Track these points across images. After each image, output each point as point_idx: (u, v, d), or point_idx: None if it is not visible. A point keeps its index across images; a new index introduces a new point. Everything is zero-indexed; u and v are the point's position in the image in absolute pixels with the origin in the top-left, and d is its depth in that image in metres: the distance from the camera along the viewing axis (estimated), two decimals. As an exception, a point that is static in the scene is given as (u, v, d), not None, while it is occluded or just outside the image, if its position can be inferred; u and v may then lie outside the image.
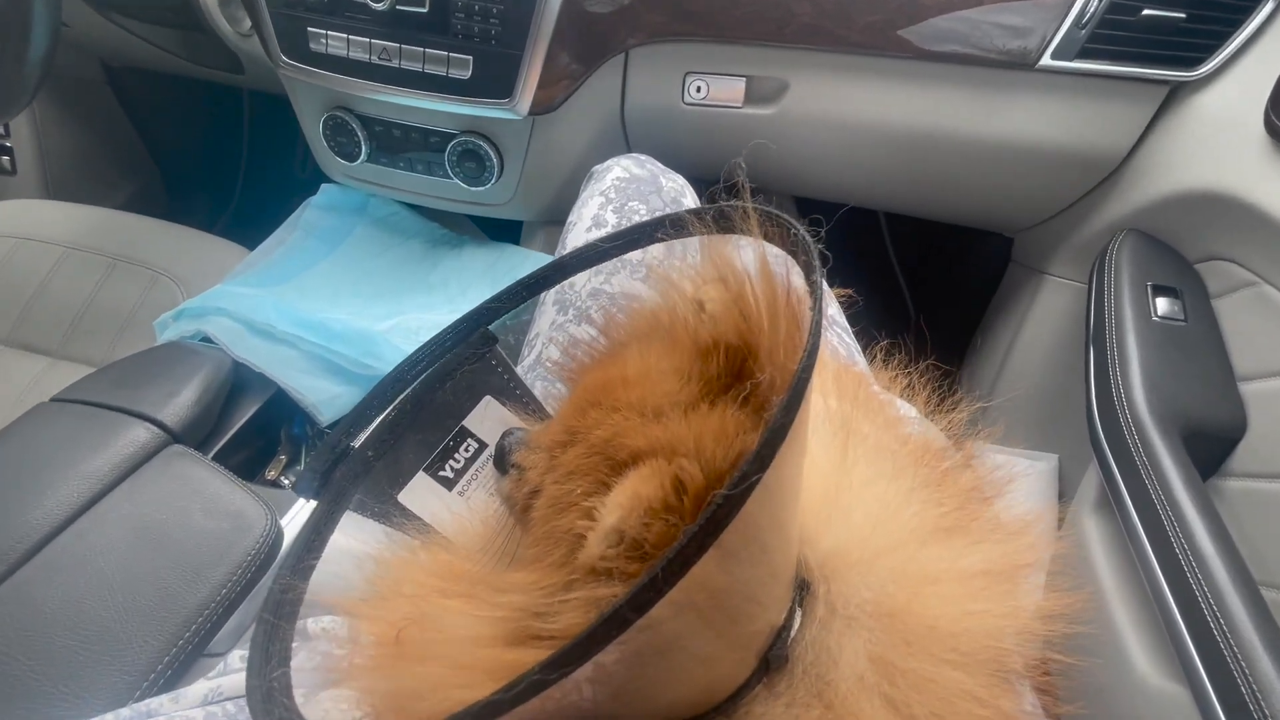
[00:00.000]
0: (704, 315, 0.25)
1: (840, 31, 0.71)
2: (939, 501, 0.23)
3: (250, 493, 0.51)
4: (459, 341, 0.36)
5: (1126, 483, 0.61)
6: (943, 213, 0.92)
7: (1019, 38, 0.69)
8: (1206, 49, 0.67)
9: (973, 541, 0.23)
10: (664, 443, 0.21)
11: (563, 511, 0.24)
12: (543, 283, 0.37)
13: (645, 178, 0.63)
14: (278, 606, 0.28)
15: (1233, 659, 0.47)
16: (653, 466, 0.20)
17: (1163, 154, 0.71)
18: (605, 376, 0.27)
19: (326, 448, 0.33)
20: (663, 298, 0.28)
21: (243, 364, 0.70)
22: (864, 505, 0.23)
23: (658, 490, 0.19)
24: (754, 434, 0.21)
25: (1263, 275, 0.62)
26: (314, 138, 0.87)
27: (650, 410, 0.23)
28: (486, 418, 0.37)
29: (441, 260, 0.91)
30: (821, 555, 0.22)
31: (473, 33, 0.72)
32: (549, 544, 0.24)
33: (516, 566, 0.27)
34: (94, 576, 0.44)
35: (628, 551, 0.19)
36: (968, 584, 0.22)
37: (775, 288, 0.23)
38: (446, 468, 0.35)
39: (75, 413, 0.55)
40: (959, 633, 0.21)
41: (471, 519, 0.34)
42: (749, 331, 0.23)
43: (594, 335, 0.33)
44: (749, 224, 0.26)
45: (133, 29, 1.02)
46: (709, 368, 0.23)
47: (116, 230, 0.92)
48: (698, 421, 0.22)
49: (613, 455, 0.22)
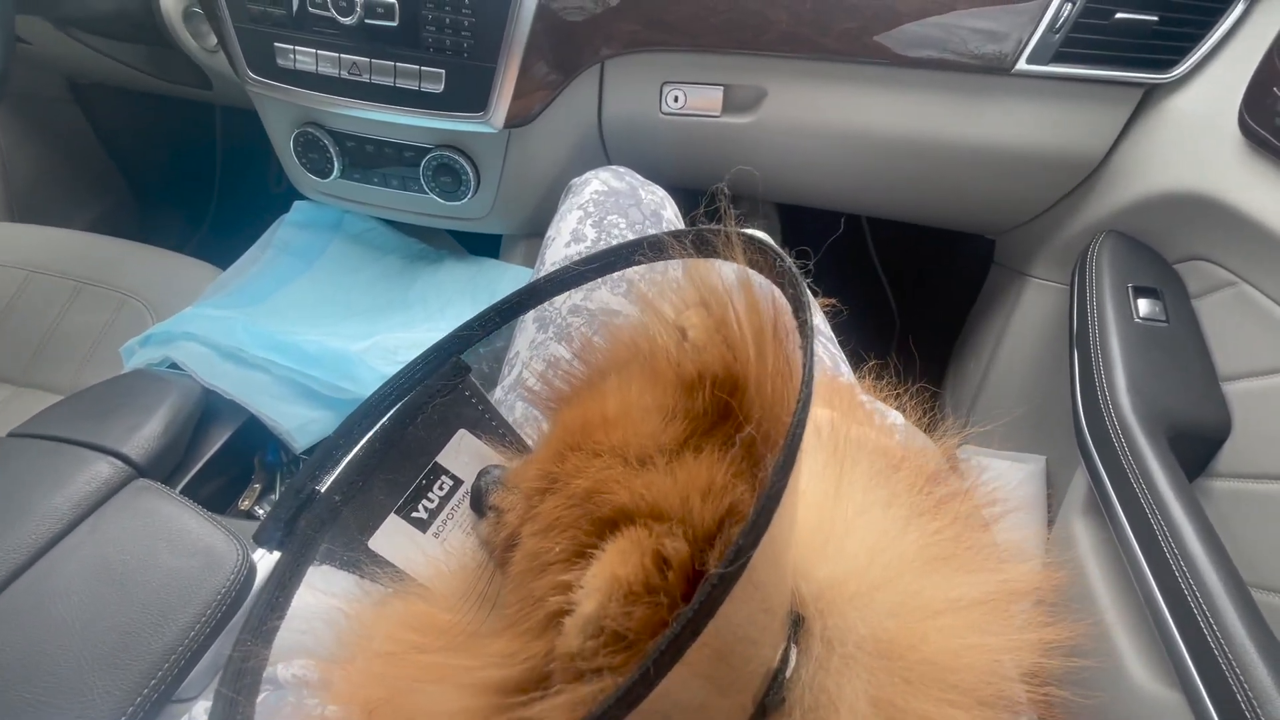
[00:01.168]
0: (686, 344, 0.24)
1: (817, 39, 0.71)
2: (935, 530, 0.22)
3: (220, 527, 0.49)
4: (429, 373, 0.34)
5: (1114, 486, 0.61)
6: (924, 216, 0.92)
7: (994, 42, 0.69)
8: (1179, 51, 0.67)
9: (969, 570, 0.22)
10: (648, 501, 0.20)
11: (540, 572, 0.22)
12: (517, 308, 0.36)
13: (624, 190, 0.62)
14: (237, 678, 0.26)
15: (1228, 666, 0.46)
16: (631, 540, 0.19)
17: (1140, 156, 0.72)
18: (585, 414, 0.25)
19: (290, 493, 0.31)
20: (641, 323, 0.27)
21: (213, 391, 0.67)
22: (859, 535, 0.22)
23: (637, 570, 0.18)
24: (743, 484, 0.20)
25: (1241, 275, 0.63)
26: (285, 154, 0.85)
27: (634, 456, 0.22)
28: (461, 452, 0.35)
29: (419, 276, 0.89)
30: (816, 588, 0.21)
31: (444, 46, 0.70)
32: (527, 606, 0.23)
33: (496, 623, 0.26)
34: (53, 623, 0.42)
35: (609, 644, 0.18)
36: (966, 615, 0.21)
37: (761, 315, 0.22)
38: (420, 508, 0.34)
39: (34, 449, 0.53)
40: (959, 668, 0.20)
41: (448, 562, 0.32)
42: (734, 363, 0.22)
43: (570, 359, 0.32)
44: (731, 250, 0.25)
45: (96, 46, 1.00)
46: (694, 403, 0.22)
47: (83, 252, 0.90)
48: (683, 474, 0.20)
49: (594, 510, 0.21)
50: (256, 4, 0.72)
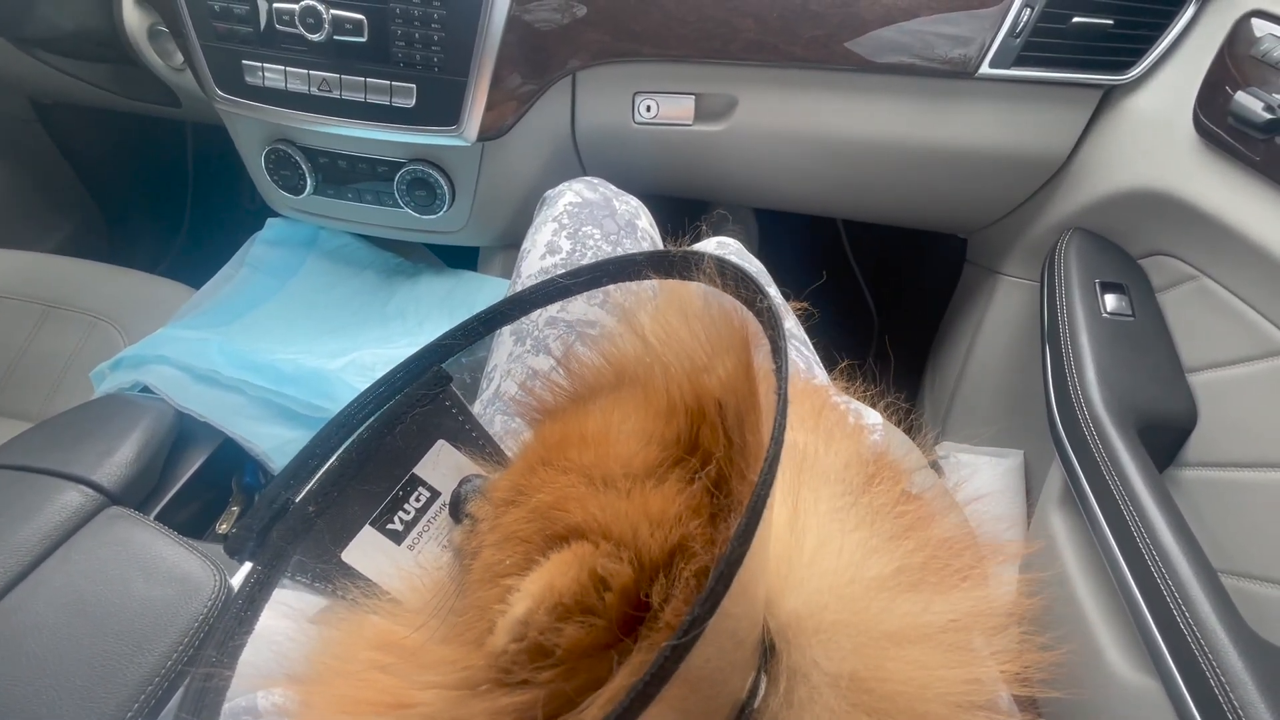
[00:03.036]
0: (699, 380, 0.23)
1: (785, 47, 0.72)
2: (904, 553, 0.22)
3: (196, 553, 0.49)
4: (409, 381, 0.34)
5: (1087, 478, 0.62)
6: (897, 217, 0.93)
7: (960, 46, 0.71)
8: (1135, 53, 0.69)
9: (940, 594, 0.22)
10: (601, 522, 0.20)
11: (491, 582, 0.22)
12: (500, 318, 0.35)
13: (598, 201, 0.62)
14: (198, 700, 0.26)
15: (1200, 652, 0.47)
16: (575, 554, 0.19)
17: (1101, 155, 0.73)
18: (564, 431, 0.25)
19: (264, 503, 0.30)
20: (647, 351, 0.27)
21: (187, 413, 0.66)
22: (822, 566, 0.22)
23: (573, 584, 0.18)
24: (697, 520, 0.20)
25: (1202, 269, 0.64)
26: (257, 172, 0.84)
27: (599, 478, 0.22)
28: (440, 464, 0.35)
29: (397, 291, 0.89)
30: (783, 620, 0.21)
31: (414, 60, 0.70)
32: (474, 615, 0.23)
33: (446, 633, 0.26)
34: (24, 659, 0.41)
35: (535, 657, 0.18)
36: (935, 642, 0.21)
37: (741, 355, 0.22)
38: (395, 520, 0.33)
39: (1, 479, 0.52)
40: (928, 698, 0.20)
41: (422, 577, 0.32)
42: (705, 395, 0.22)
43: (555, 369, 0.32)
44: (709, 277, 0.25)
45: (59, 65, 0.98)
46: (669, 430, 0.22)
47: (51, 275, 0.88)
48: (639, 500, 0.20)
49: (550, 526, 0.21)
50: (223, 22, 0.72)
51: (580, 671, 0.18)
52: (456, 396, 0.35)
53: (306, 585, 0.31)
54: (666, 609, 0.18)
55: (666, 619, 0.18)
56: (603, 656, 0.18)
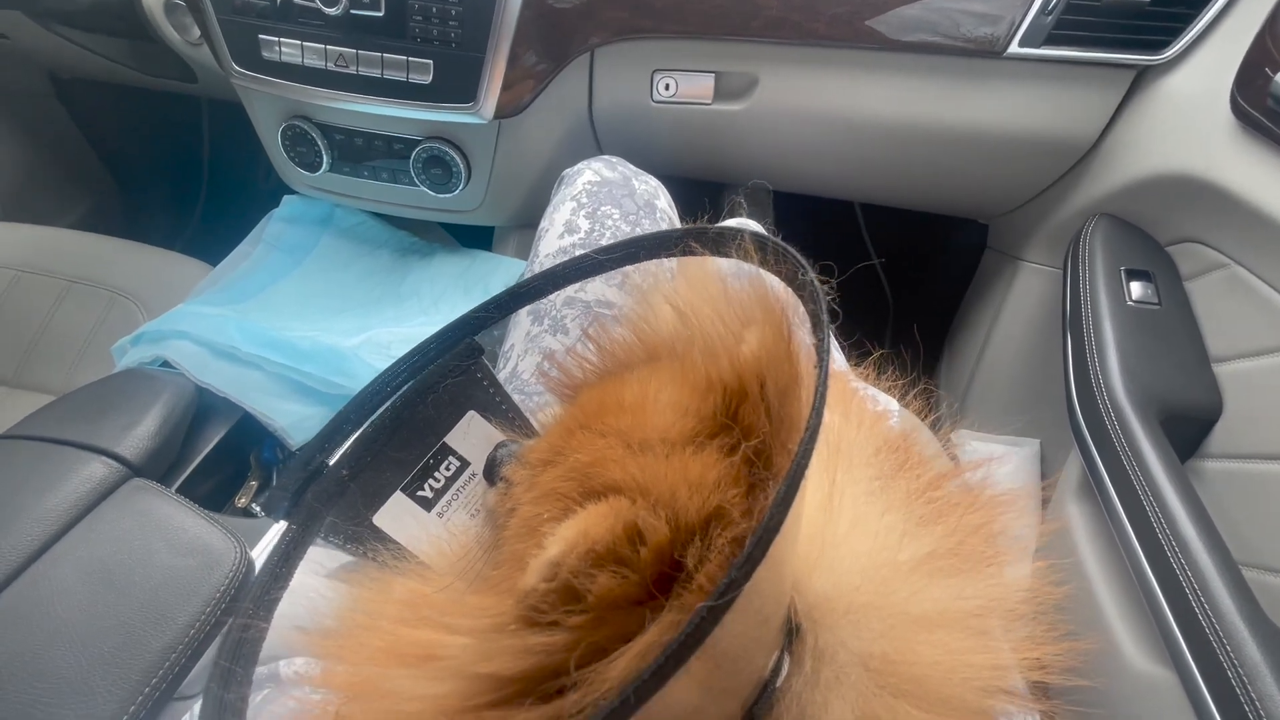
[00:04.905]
0: (736, 354, 0.24)
1: (807, 24, 0.70)
2: (934, 538, 0.22)
3: (218, 525, 0.49)
4: (443, 352, 0.34)
5: (1107, 468, 0.61)
6: (917, 201, 0.92)
7: (987, 25, 0.69)
8: (1171, 32, 0.67)
9: (968, 580, 0.22)
10: (639, 481, 0.20)
11: (527, 535, 0.23)
12: (534, 292, 0.35)
13: (617, 180, 0.62)
14: (236, 649, 0.27)
15: (1218, 644, 0.47)
16: (612, 505, 0.19)
17: (1132, 138, 0.72)
18: (601, 398, 0.26)
19: (299, 465, 0.31)
20: (683, 326, 0.27)
21: (206, 388, 0.67)
22: (852, 547, 0.22)
23: (608, 534, 0.18)
24: (735, 490, 0.20)
25: (1233, 256, 0.63)
26: (273, 149, 0.84)
27: (636, 442, 0.22)
28: (470, 434, 0.35)
29: (411, 270, 0.89)
30: (811, 600, 0.21)
31: (431, 36, 0.69)
32: (510, 566, 0.23)
33: (479, 588, 0.26)
34: (52, 624, 0.42)
35: (566, 599, 0.18)
36: (962, 627, 0.21)
37: (780, 328, 0.22)
38: (425, 487, 0.34)
39: (26, 450, 0.52)
40: (953, 682, 0.20)
41: (450, 543, 0.32)
42: (746, 373, 0.22)
43: (585, 345, 0.32)
44: (748, 252, 0.25)
45: (77, 40, 0.98)
46: (706, 405, 0.22)
47: (71, 250, 0.89)
48: (679, 464, 0.20)
49: (588, 483, 0.21)
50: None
51: (610, 623, 0.18)
52: (488, 369, 0.36)
53: (339, 546, 0.32)
54: (701, 572, 0.18)
55: (700, 582, 0.18)
56: (633, 611, 0.18)
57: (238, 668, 0.26)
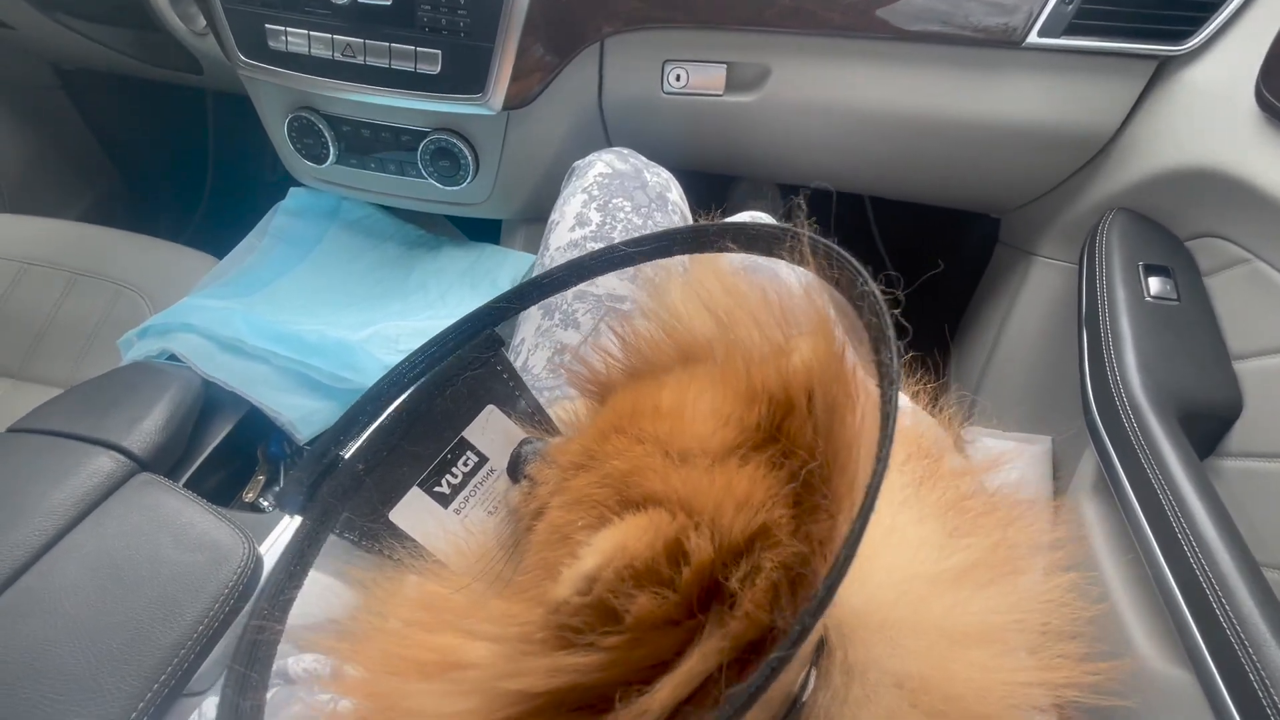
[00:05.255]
0: (783, 364, 0.22)
1: (821, 13, 0.69)
2: (968, 549, 0.21)
3: (225, 521, 0.49)
4: (462, 343, 0.33)
5: (1124, 466, 0.60)
6: (929, 195, 0.91)
7: (1003, 15, 0.67)
8: (1194, 22, 0.65)
9: (1002, 595, 0.21)
10: (681, 494, 0.19)
11: (559, 543, 0.22)
12: (559, 284, 0.34)
13: (629, 172, 0.61)
14: (251, 652, 0.26)
15: (1240, 646, 0.46)
16: (651, 519, 0.18)
17: (1152, 130, 0.70)
18: (636, 401, 0.25)
19: (313, 458, 0.30)
20: (724, 329, 0.26)
21: (213, 382, 0.67)
22: (887, 559, 0.21)
23: (647, 549, 0.17)
24: (782, 509, 0.19)
25: (1255, 252, 0.62)
26: (279, 140, 0.83)
27: (676, 451, 0.21)
28: (488, 429, 0.34)
29: (419, 263, 0.88)
30: (841, 614, 0.20)
31: (440, 25, 0.68)
32: (539, 573, 0.22)
33: (504, 593, 0.25)
34: (60, 619, 0.42)
35: (602, 619, 0.17)
36: (997, 644, 0.20)
37: (833, 344, 0.21)
38: (443, 483, 0.33)
39: (34, 444, 0.52)
40: (988, 701, 0.19)
41: (467, 541, 0.32)
42: (794, 387, 0.21)
43: (612, 341, 0.31)
44: (800, 256, 0.23)
45: (81, 30, 0.97)
46: (749, 416, 0.21)
47: (76, 242, 0.88)
48: (723, 478, 0.19)
49: (625, 492, 0.20)
50: (245, -16, 0.70)
51: (646, 643, 0.18)
52: (508, 362, 0.35)
53: (354, 542, 0.31)
54: (746, 596, 0.18)
55: (747, 609, 0.17)
56: (670, 631, 0.18)
57: (253, 673, 0.25)
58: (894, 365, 0.17)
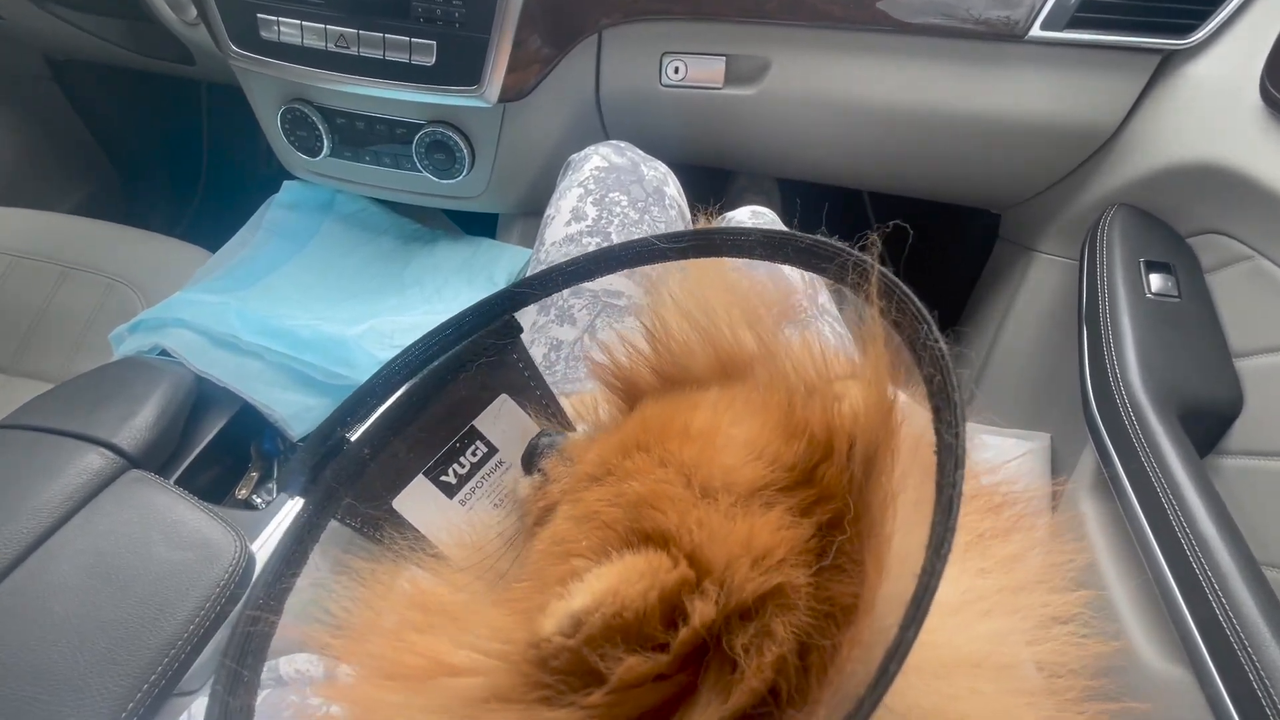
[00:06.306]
0: (831, 405, 0.21)
1: (822, 6, 0.68)
2: (975, 573, 0.20)
3: (217, 518, 0.48)
4: (478, 326, 0.31)
5: (1124, 464, 0.60)
6: (928, 190, 0.90)
7: (1006, 8, 0.67)
8: (1199, 15, 0.65)
9: (1011, 622, 0.20)
10: (694, 540, 0.18)
11: (559, 558, 0.21)
12: (585, 273, 0.32)
13: (625, 166, 0.60)
14: (243, 646, 0.25)
15: (1239, 644, 0.46)
16: (650, 564, 0.17)
17: (1154, 126, 0.70)
18: (668, 417, 0.23)
19: (318, 438, 0.29)
20: (771, 355, 0.24)
21: (206, 378, 0.66)
22: None
23: (639, 599, 0.16)
24: (800, 570, 0.17)
25: (1258, 248, 0.61)
26: (272, 133, 0.82)
27: (699, 482, 0.20)
28: (501, 419, 0.32)
29: (414, 257, 0.87)
30: None
31: (435, 16, 0.67)
32: (535, 586, 0.22)
33: (501, 593, 0.25)
34: (48, 619, 0.41)
35: (579, 671, 0.16)
36: (1007, 676, 0.19)
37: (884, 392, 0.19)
38: (450, 473, 0.31)
39: (22, 440, 0.51)
40: None
41: (471, 534, 0.30)
42: (838, 434, 0.20)
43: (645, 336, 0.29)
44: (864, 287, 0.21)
45: (72, 20, 0.96)
46: (784, 454, 0.20)
47: (68, 236, 0.87)
48: (744, 526, 0.18)
49: (637, 521, 0.19)
50: (237, -27, 0.69)
51: (630, 700, 0.17)
52: (524, 350, 0.33)
53: (355, 529, 0.30)
54: (749, 665, 0.16)
55: (749, 680, 0.16)
56: (656, 686, 0.17)
57: (244, 669, 0.24)
58: (959, 443, 0.15)
